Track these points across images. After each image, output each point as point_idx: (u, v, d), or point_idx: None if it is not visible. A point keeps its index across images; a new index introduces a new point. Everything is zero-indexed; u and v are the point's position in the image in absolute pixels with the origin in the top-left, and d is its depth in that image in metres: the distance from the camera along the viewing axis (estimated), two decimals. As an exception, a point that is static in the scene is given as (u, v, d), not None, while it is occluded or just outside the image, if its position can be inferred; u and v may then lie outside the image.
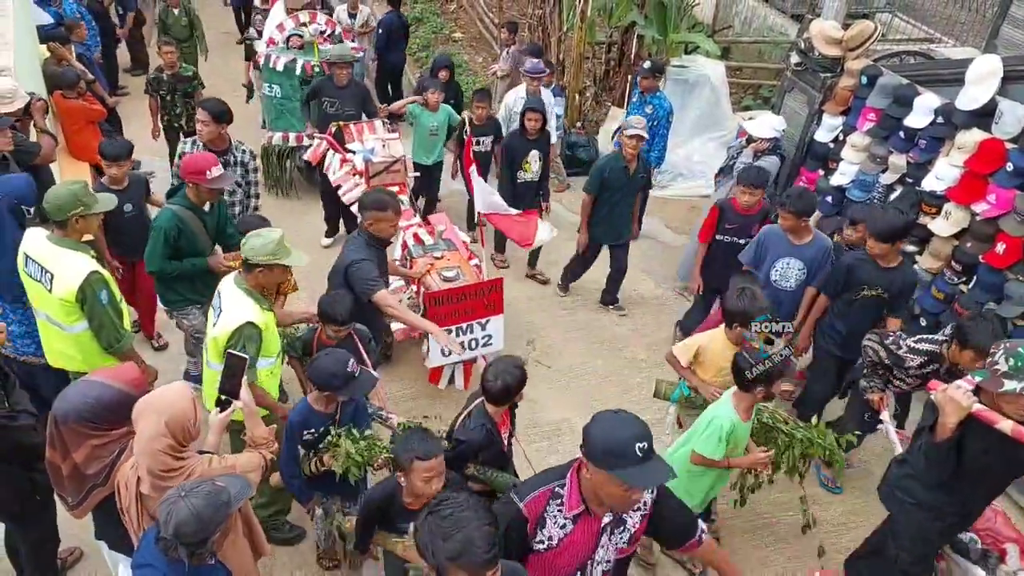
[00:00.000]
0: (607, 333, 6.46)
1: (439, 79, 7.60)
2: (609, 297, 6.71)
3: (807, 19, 7.25)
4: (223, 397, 3.11)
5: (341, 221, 7.34)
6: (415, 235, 5.83)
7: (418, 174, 7.17)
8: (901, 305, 4.79)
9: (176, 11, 9.76)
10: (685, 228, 7.80)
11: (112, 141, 5.24)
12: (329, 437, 3.57)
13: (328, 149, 6.56)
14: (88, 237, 4.03)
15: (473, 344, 5.30)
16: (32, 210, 4.33)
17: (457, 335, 5.10)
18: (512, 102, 7.49)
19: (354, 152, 6.39)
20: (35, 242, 3.84)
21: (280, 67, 7.83)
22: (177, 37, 9.26)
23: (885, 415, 4.26)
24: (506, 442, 3.76)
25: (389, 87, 10.35)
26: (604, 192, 6.01)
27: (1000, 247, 5.06)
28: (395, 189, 6.06)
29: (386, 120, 7.07)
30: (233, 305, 3.61)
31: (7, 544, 3.82)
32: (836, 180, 6.22)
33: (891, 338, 4.19)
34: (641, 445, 2.33)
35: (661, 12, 8.87)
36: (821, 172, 6.49)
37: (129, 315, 4.13)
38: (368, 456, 3.55)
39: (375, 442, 3.63)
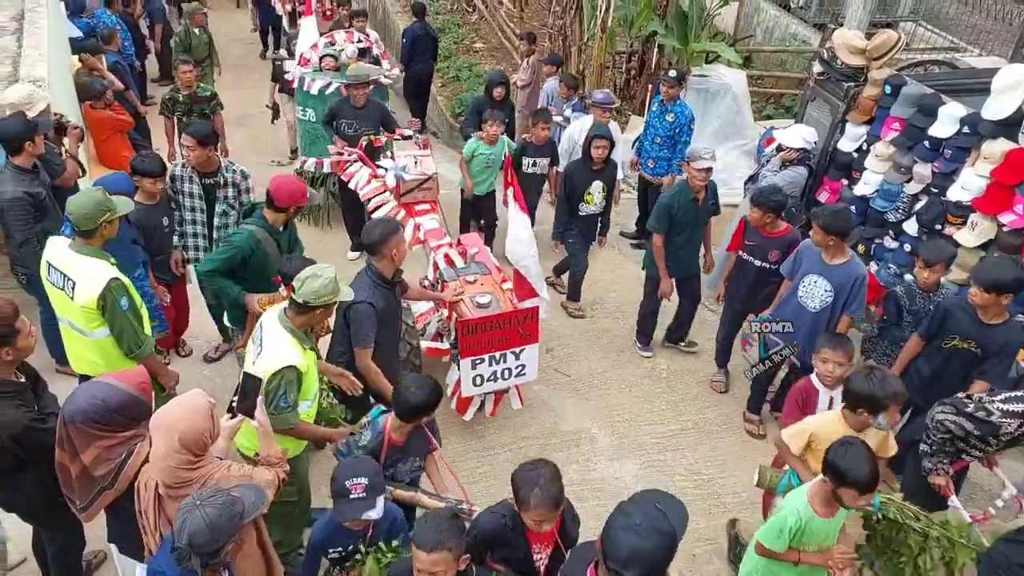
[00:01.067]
0: (627, 342, 6.45)
1: (497, 108, 7.11)
2: (679, 334, 6.37)
3: (830, 28, 7.21)
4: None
5: None
6: (446, 256, 5.57)
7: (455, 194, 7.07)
8: (995, 367, 4.32)
9: (198, 30, 9.88)
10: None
11: (144, 157, 5.18)
12: (357, 555, 3.28)
13: (357, 162, 6.37)
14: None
15: (506, 374, 5.06)
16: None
17: (490, 364, 4.94)
18: (576, 133, 7.20)
19: (385, 169, 6.18)
20: (57, 251, 3.92)
21: (315, 91, 7.54)
22: (197, 57, 9.29)
23: (955, 500, 3.82)
24: (544, 561, 3.20)
25: (416, 99, 10.59)
26: (673, 228, 5.70)
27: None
28: (426, 207, 6.02)
29: (416, 134, 6.88)
30: (276, 345, 3.53)
31: (34, 545, 3.88)
32: (859, 190, 6.18)
33: (971, 405, 3.68)
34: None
35: (682, 22, 8.89)
36: (844, 182, 6.44)
37: (150, 321, 4.19)
38: None
39: (406, 555, 3.13)
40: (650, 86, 9.11)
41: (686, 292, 6.12)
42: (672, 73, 7.16)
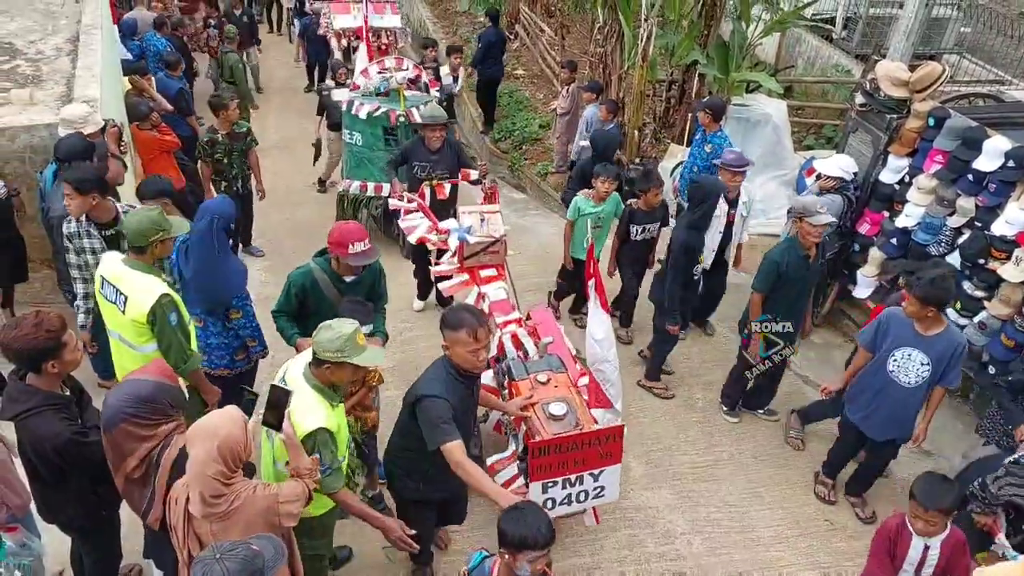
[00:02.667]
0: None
1: (611, 165, 6.33)
2: (760, 400, 5.94)
3: (872, 60, 7.16)
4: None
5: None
6: (514, 337, 4.81)
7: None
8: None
9: (235, 54, 10.16)
10: (745, 266, 7.71)
11: (149, 181, 5.10)
12: None
13: (417, 212, 5.74)
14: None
15: (582, 496, 4.27)
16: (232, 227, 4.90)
17: (564, 487, 4.16)
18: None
19: (450, 230, 5.43)
20: (111, 265, 4.02)
21: (363, 115, 7.50)
22: (240, 86, 9.74)
23: (1001, 538, 3.79)
24: None
25: (488, 101, 11.22)
26: (779, 287, 5.25)
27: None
28: (492, 273, 5.35)
29: (483, 179, 6.41)
30: (304, 407, 3.25)
31: (72, 557, 3.94)
32: (901, 222, 6.10)
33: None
34: None
35: (723, 51, 8.89)
36: (886, 213, 6.37)
37: (197, 338, 4.26)
38: None
39: None
40: (690, 115, 9.11)
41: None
42: (704, 100, 7.17)
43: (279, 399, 3.14)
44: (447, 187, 6.21)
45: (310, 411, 3.26)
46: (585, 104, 8.75)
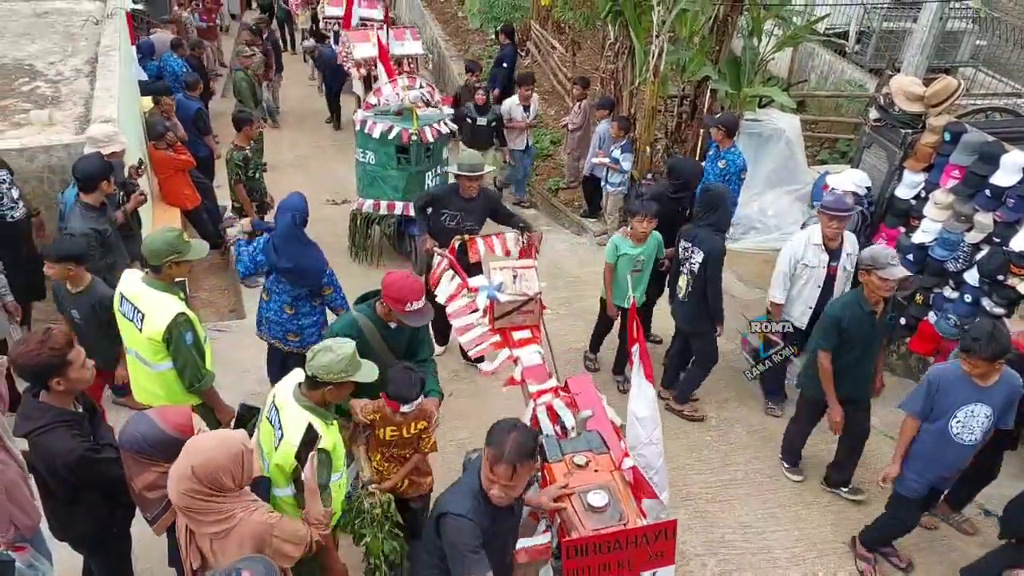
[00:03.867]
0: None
1: (651, 202, 5.61)
2: (843, 476, 5.29)
3: (886, 74, 7.14)
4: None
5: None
6: (550, 409, 4.14)
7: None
8: None
9: (244, 75, 10.28)
10: (758, 281, 7.67)
11: (55, 244, 4.68)
12: None
13: (448, 270, 5.17)
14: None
15: None
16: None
17: None
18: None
19: (479, 287, 4.87)
20: (130, 283, 4.06)
21: (376, 134, 7.51)
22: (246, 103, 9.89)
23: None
24: None
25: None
26: (843, 346, 4.76)
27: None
28: (527, 335, 4.75)
29: (520, 228, 5.71)
30: (296, 427, 3.25)
31: (84, 572, 3.94)
32: (918, 238, 6.04)
33: None
34: None
35: (735, 67, 8.88)
36: (902, 229, 6.32)
37: (211, 356, 4.28)
38: None
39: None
40: (702, 130, 9.10)
41: (853, 424, 4.98)
42: (716, 116, 7.15)
43: (312, 440, 3.18)
44: (480, 246, 5.55)
45: (304, 432, 3.25)
46: (597, 120, 8.77)
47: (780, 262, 5.56)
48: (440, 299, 5.05)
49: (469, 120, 9.16)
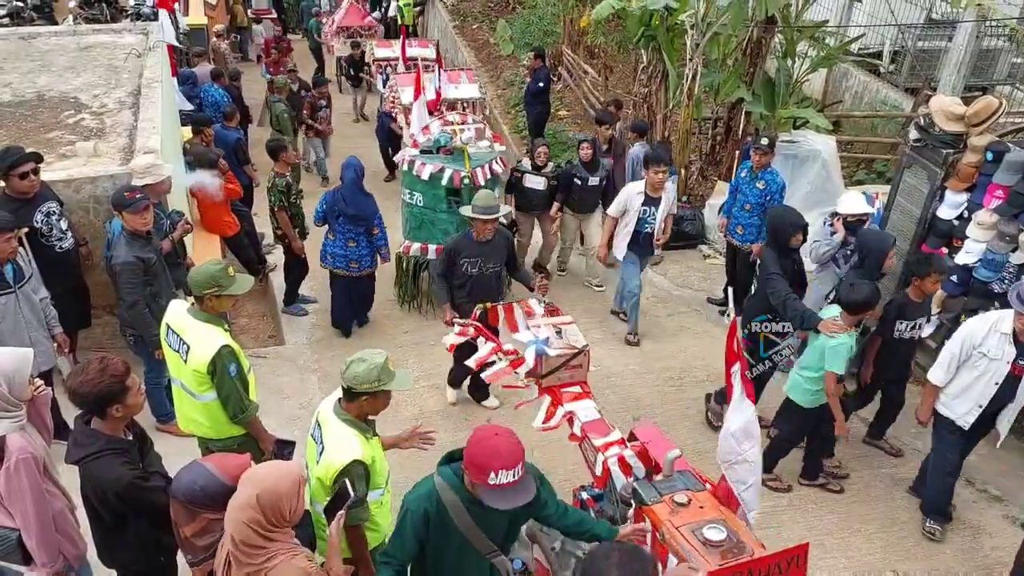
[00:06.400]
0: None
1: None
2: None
3: (923, 93, 7.09)
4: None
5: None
6: (621, 459, 3.93)
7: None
8: None
9: (282, 104, 10.37)
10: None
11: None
12: None
13: (478, 337, 4.84)
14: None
15: None
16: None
17: None
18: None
19: (522, 342, 4.57)
20: (177, 315, 4.11)
21: (425, 175, 7.12)
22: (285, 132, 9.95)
23: None
24: None
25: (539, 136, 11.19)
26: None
27: None
28: (577, 391, 4.43)
29: (542, 301, 5.12)
30: (336, 441, 3.30)
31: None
32: (962, 259, 5.94)
33: None
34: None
35: (769, 88, 8.87)
36: (944, 250, 6.21)
37: (256, 387, 4.31)
38: None
39: None
40: (736, 152, 9.07)
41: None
42: (764, 141, 7.07)
43: (343, 495, 3.15)
44: (501, 314, 5.06)
45: (344, 445, 3.28)
46: (631, 143, 8.74)
47: (952, 341, 4.81)
48: (471, 363, 4.76)
49: (579, 181, 7.93)
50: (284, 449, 3.79)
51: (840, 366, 4.84)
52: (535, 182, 7.93)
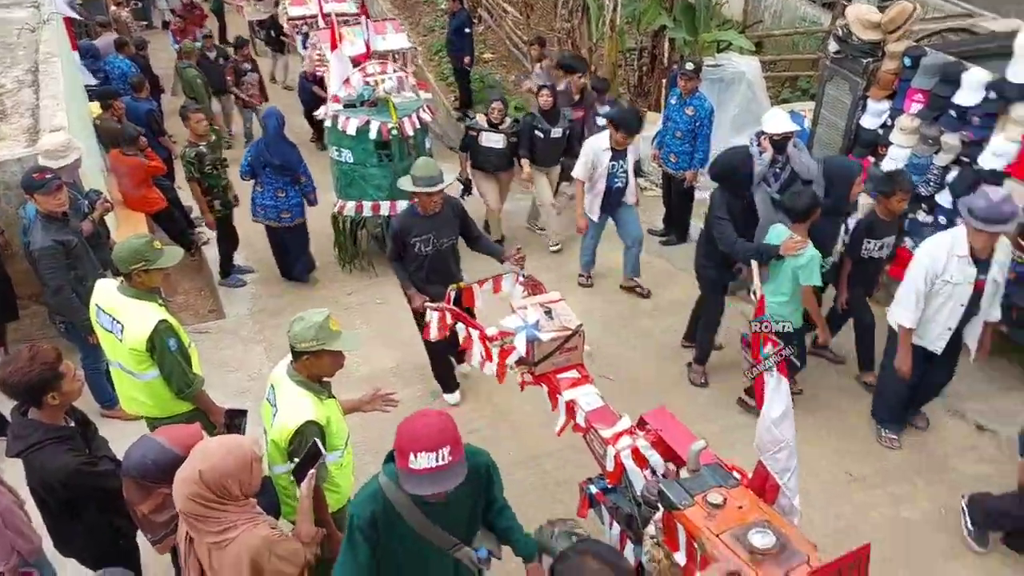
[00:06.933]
0: (667, 339, 6.37)
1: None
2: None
3: (840, 5, 7.14)
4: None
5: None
6: (635, 451, 3.51)
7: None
8: None
9: (193, 70, 9.95)
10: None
11: None
12: None
13: (455, 322, 4.39)
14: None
15: None
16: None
17: None
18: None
19: (511, 329, 4.08)
20: (106, 293, 3.96)
21: (351, 130, 6.87)
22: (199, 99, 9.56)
23: None
24: None
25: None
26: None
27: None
28: (575, 376, 4.04)
29: (519, 271, 4.73)
30: (289, 403, 3.28)
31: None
32: (887, 165, 6.07)
33: None
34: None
35: (690, 13, 8.83)
36: (871, 159, 6.35)
37: (199, 361, 4.21)
38: None
39: None
40: (664, 81, 9.06)
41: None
42: (689, 66, 7.05)
43: (312, 455, 3.08)
44: (477, 292, 4.70)
45: (296, 407, 3.25)
46: (561, 82, 8.54)
47: (912, 278, 4.60)
48: (470, 358, 4.41)
49: (540, 134, 7.46)
50: (236, 419, 3.71)
51: (817, 278, 4.87)
52: (493, 140, 7.46)
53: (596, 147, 6.43)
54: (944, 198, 5.69)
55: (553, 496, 4.80)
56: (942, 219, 5.71)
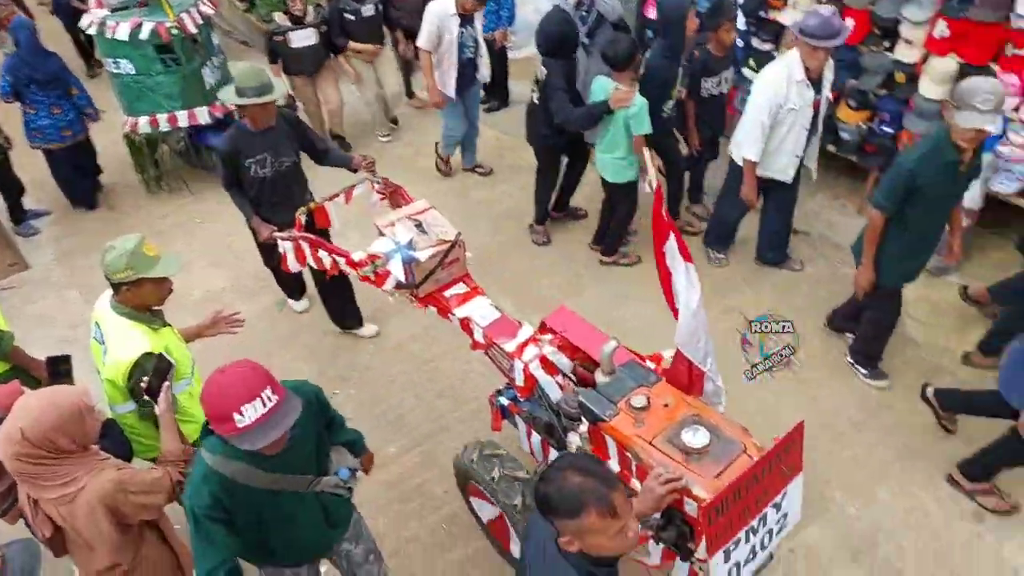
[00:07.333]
0: (503, 207, 6.35)
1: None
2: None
3: None
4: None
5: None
6: (543, 359, 3.33)
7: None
8: None
9: None
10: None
11: None
12: None
13: (315, 250, 3.88)
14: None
15: (766, 540, 2.76)
16: None
17: (747, 539, 2.65)
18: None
19: (382, 253, 3.63)
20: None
21: (123, 35, 6.09)
22: None
23: None
24: None
25: None
26: (915, 206, 3.84)
27: (849, 22, 5.00)
28: (463, 288, 3.72)
29: (373, 177, 4.27)
30: (119, 338, 3.02)
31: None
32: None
33: None
34: None
35: None
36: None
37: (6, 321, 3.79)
38: None
39: None
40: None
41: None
42: None
43: (162, 369, 2.91)
44: (330, 209, 4.24)
45: (127, 340, 3.01)
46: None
47: (755, 110, 4.53)
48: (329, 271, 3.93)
49: (351, 16, 6.73)
50: (59, 367, 3.41)
51: (647, 126, 4.79)
52: (303, 38, 6.59)
53: (440, 12, 5.73)
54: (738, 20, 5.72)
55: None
56: (739, 41, 5.68)
